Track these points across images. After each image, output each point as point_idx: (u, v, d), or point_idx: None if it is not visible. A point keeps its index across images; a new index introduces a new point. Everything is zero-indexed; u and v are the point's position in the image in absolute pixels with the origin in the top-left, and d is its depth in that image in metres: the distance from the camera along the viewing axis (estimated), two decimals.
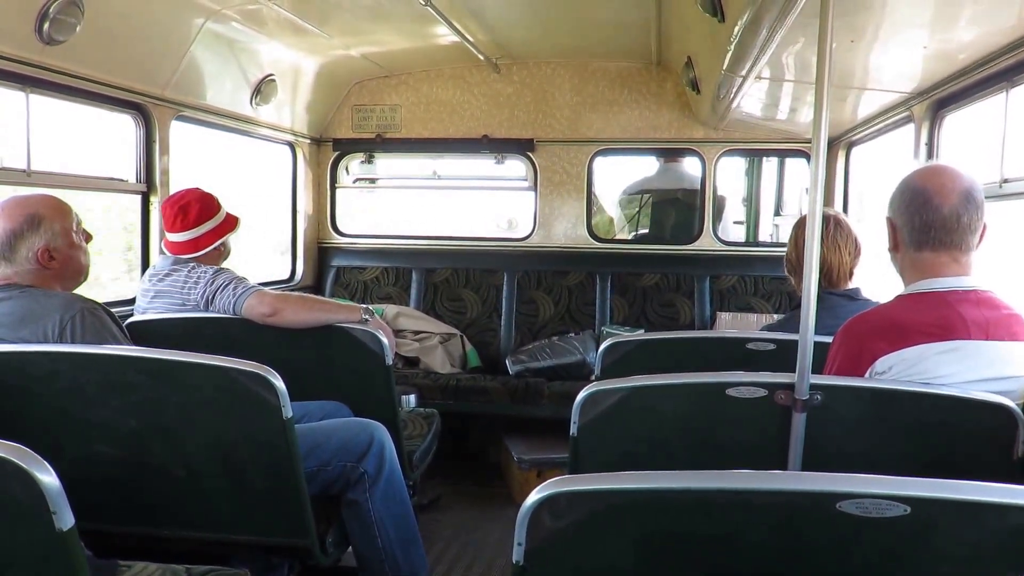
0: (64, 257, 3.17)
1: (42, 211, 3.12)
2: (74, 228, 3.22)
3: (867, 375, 2.47)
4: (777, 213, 8.05)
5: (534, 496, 1.62)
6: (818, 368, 2.37)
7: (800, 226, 3.78)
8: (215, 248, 3.98)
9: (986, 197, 2.53)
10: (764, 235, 8.10)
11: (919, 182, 2.52)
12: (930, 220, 2.48)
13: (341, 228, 7.38)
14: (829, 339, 2.67)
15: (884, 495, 1.52)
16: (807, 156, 6.64)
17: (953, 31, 3.27)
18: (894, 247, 2.62)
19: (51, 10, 3.72)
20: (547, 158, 6.97)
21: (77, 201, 3.45)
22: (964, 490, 1.53)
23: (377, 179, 7.68)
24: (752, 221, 8.17)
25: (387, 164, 7.64)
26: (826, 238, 3.59)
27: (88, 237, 3.33)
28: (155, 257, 4.81)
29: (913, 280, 2.56)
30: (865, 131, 5.42)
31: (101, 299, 3.30)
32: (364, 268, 7.25)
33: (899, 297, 2.60)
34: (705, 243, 6.83)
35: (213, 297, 3.75)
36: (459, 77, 7.02)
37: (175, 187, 4.85)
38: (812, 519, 1.60)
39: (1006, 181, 3.51)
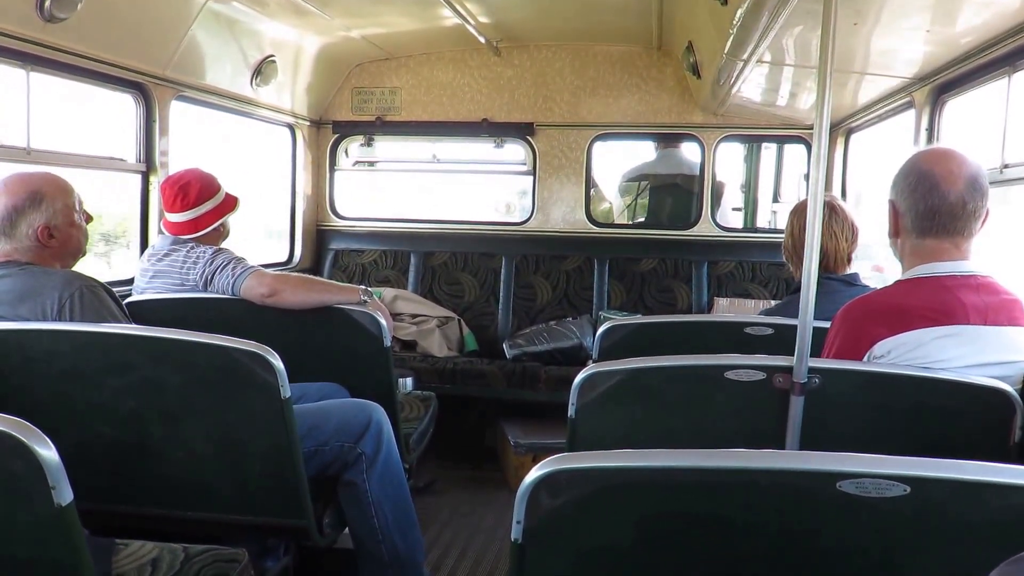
0: (64, 236, 3.17)
1: (44, 188, 3.12)
2: (75, 207, 3.22)
3: (865, 359, 2.47)
4: (775, 199, 8.04)
5: (534, 474, 1.62)
6: (816, 353, 2.37)
7: (797, 212, 3.77)
8: (215, 228, 3.98)
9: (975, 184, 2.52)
10: (762, 221, 8.09)
11: (925, 166, 2.49)
12: (936, 206, 2.46)
13: (340, 211, 7.37)
14: (827, 324, 2.67)
15: (884, 475, 1.52)
16: (806, 142, 6.64)
17: (956, 15, 3.26)
18: (895, 232, 2.60)
19: None
20: (546, 142, 6.95)
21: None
22: (964, 470, 1.54)
23: (376, 162, 7.67)
24: (750, 207, 8.16)
25: (386, 147, 7.62)
26: (833, 226, 3.58)
27: (88, 218, 3.32)
28: (154, 237, 4.81)
29: (913, 265, 2.55)
30: (865, 117, 5.42)
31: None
32: (362, 251, 7.24)
33: (898, 282, 2.60)
34: (703, 229, 6.83)
35: (212, 277, 3.75)
36: (459, 60, 7.00)
37: (174, 167, 4.84)
38: (812, 499, 1.60)
39: (1007, 166, 3.51)
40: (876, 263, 5.59)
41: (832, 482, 1.54)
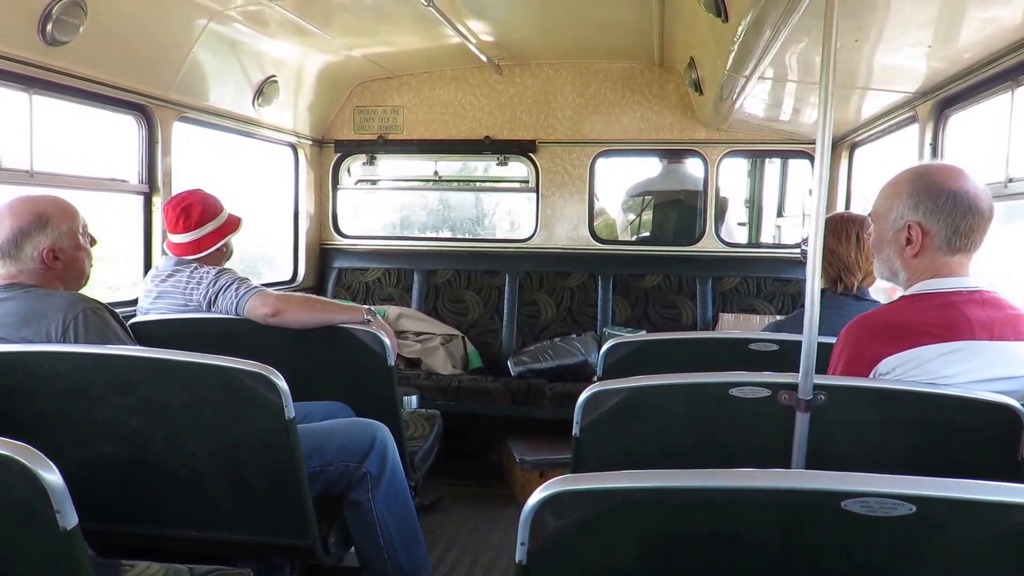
0: (69, 258, 3.18)
1: (50, 211, 3.14)
2: (80, 231, 3.23)
3: (870, 376, 2.46)
4: (779, 214, 8.04)
5: (537, 495, 1.62)
6: (822, 368, 2.36)
7: (848, 223, 3.61)
8: (217, 249, 3.99)
9: (992, 197, 2.53)
10: (767, 236, 8.10)
11: (955, 185, 2.46)
12: (975, 224, 2.46)
13: (343, 229, 7.38)
14: (833, 339, 2.66)
15: (890, 494, 1.52)
16: (810, 157, 6.64)
17: (958, 30, 3.26)
18: (919, 251, 2.56)
19: (54, 11, 3.72)
20: (549, 159, 6.97)
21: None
22: (970, 489, 1.53)
23: (379, 180, 7.69)
24: (754, 222, 8.16)
25: (389, 165, 7.64)
26: (866, 241, 3.51)
27: (93, 241, 3.33)
28: (157, 258, 4.82)
29: (917, 280, 2.54)
30: (868, 132, 5.41)
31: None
32: (366, 269, 7.25)
33: (903, 298, 2.58)
34: (707, 244, 6.83)
35: (216, 298, 3.75)
36: (461, 78, 7.02)
37: (177, 188, 4.86)
38: (817, 518, 1.59)
39: (1011, 181, 3.51)
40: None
41: (837, 501, 1.53)
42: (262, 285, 3.84)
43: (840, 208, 5.89)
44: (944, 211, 2.47)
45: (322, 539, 3.19)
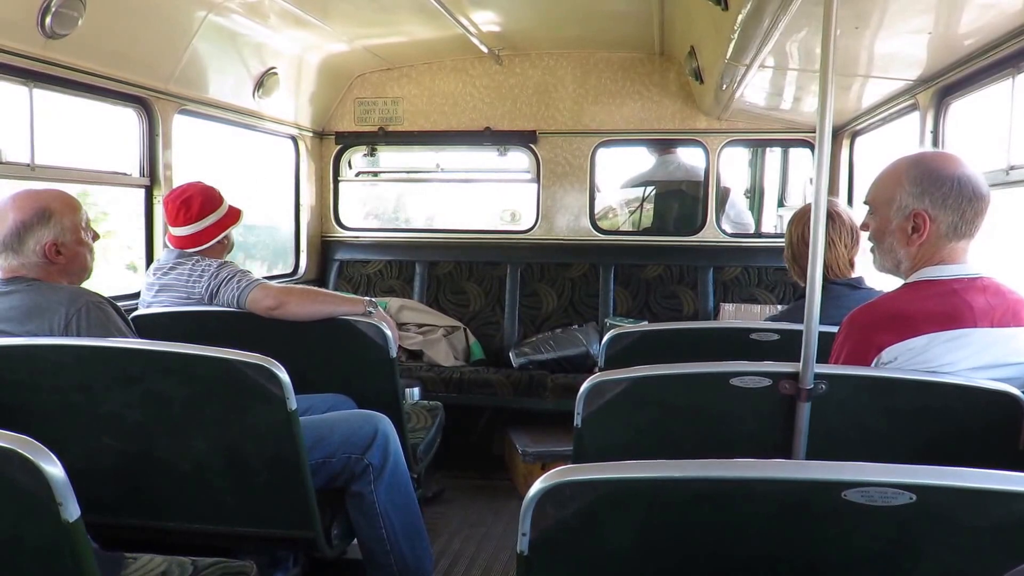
0: (71, 253, 3.18)
1: (53, 205, 3.14)
2: (82, 225, 3.23)
3: (873, 366, 2.46)
4: (781, 204, 8.02)
5: (538, 486, 1.62)
6: (822, 358, 2.36)
7: (794, 221, 3.75)
8: (219, 241, 4.00)
9: (992, 184, 2.53)
10: (768, 226, 8.08)
11: (957, 172, 2.47)
12: (980, 209, 2.47)
13: (344, 222, 7.37)
14: (833, 329, 2.66)
15: (890, 483, 1.52)
16: (811, 146, 6.62)
17: (959, 17, 3.25)
18: (923, 238, 2.55)
19: (53, 4, 3.71)
20: (550, 150, 6.95)
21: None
22: (970, 478, 1.53)
23: (380, 172, 7.67)
24: (756, 212, 8.14)
25: (390, 157, 7.62)
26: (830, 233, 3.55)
27: (95, 236, 3.34)
28: (159, 251, 4.81)
29: (918, 268, 2.54)
30: (869, 120, 5.40)
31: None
32: (367, 261, 7.25)
33: (904, 286, 2.58)
34: (708, 234, 6.81)
35: (217, 290, 3.76)
36: (461, 69, 7.01)
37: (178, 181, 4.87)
38: (817, 508, 1.59)
39: (1012, 168, 3.50)
40: None
41: (838, 491, 1.53)
42: (263, 278, 3.84)
43: (842, 197, 5.89)
44: (950, 198, 2.47)
45: (325, 531, 3.20)
